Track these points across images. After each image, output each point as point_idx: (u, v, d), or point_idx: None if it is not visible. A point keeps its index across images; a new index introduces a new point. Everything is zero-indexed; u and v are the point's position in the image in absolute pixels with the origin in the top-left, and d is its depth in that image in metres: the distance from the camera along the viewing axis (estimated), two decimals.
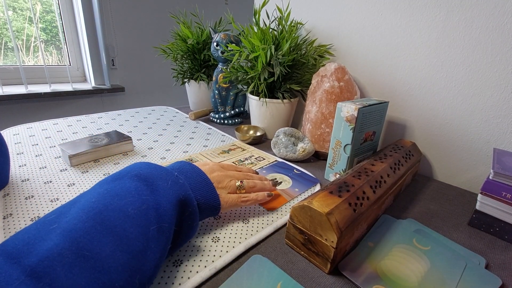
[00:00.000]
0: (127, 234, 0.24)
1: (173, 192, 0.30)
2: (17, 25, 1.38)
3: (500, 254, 0.38)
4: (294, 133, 0.65)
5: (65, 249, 0.21)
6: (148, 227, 0.26)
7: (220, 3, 2.04)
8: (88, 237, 0.22)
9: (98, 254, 0.22)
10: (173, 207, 0.29)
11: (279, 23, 0.69)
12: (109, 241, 0.23)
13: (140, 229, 0.26)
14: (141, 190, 0.28)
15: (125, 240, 0.24)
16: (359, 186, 0.38)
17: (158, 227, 0.27)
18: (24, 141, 0.64)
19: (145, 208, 0.27)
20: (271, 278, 0.31)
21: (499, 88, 0.50)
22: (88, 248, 0.22)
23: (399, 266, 0.34)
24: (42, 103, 1.44)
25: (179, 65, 0.95)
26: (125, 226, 0.25)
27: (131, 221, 0.25)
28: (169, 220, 0.28)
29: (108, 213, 0.25)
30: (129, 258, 0.24)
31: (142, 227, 0.26)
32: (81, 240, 0.22)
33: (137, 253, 0.24)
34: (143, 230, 0.26)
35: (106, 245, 0.23)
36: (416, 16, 0.57)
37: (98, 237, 0.23)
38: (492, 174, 0.40)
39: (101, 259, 0.22)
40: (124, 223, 0.25)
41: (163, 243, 0.27)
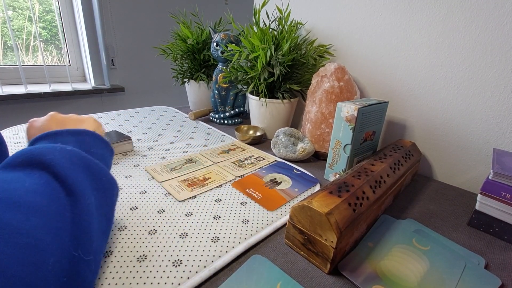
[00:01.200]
0: (33, 204, 0.22)
1: (68, 160, 0.28)
2: (18, 23, 1.38)
3: (499, 254, 0.38)
4: (294, 133, 0.65)
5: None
6: (56, 194, 0.24)
7: (220, 3, 2.04)
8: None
9: (10, 222, 0.20)
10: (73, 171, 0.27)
11: (279, 23, 0.69)
12: (18, 211, 0.21)
13: (47, 197, 0.23)
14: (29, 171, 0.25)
15: (33, 208, 0.22)
16: (359, 186, 0.38)
17: (65, 191, 0.25)
18: (24, 141, 0.64)
19: (44, 181, 0.24)
20: (270, 278, 0.31)
21: (499, 88, 0.50)
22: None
23: (398, 266, 0.34)
24: (42, 103, 1.44)
25: (179, 65, 0.95)
26: (28, 199, 0.22)
27: (34, 193, 0.23)
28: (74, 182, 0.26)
29: (3, 194, 0.22)
30: (46, 221, 0.22)
31: (49, 195, 0.24)
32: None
33: (55, 216, 0.23)
34: (52, 198, 0.24)
35: (16, 215, 0.21)
36: (416, 16, 0.57)
37: (4, 210, 0.20)
38: (492, 174, 0.40)
39: (15, 225, 0.20)
40: (26, 197, 0.22)
41: (80, 204, 0.26)
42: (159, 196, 0.46)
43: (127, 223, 0.39)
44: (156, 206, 0.43)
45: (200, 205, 0.44)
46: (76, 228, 0.24)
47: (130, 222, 0.39)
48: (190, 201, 0.45)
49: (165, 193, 0.47)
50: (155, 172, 0.53)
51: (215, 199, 0.46)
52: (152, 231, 0.37)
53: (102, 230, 0.29)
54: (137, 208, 0.42)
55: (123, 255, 0.33)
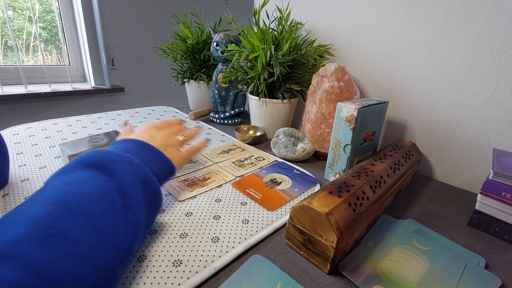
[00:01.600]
0: (92, 212, 0.24)
1: (132, 173, 0.31)
2: (18, 24, 1.38)
3: (499, 254, 0.38)
4: (294, 133, 0.65)
5: (31, 231, 0.21)
6: (113, 205, 0.26)
7: (220, 3, 2.04)
8: (53, 218, 0.22)
9: (66, 231, 0.22)
10: (135, 186, 0.30)
11: (279, 23, 0.69)
12: (75, 220, 0.23)
13: (104, 207, 0.25)
14: (98, 176, 0.28)
15: (91, 218, 0.24)
16: (359, 186, 0.38)
17: (123, 204, 0.27)
18: (24, 141, 0.64)
19: (107, 189, 0.27)
20: (270, 278, 0.31)
21: (499, 88, 0.50)
22: (55, 228, 0.22)
23: (398, 266, 0.34)
24: (42, 103, 1.44)
25: (179, 65, 0.95)
26: (89, 206, 0.24)
27: (94, 201, 0.25)
28: (134, 198, 0.28)
29: (68, 198, 0.24)
30: (99, 232, 0.24)
31: (106, 205, 0.26)
32: (45, 222, 0.22)
33: (107, 228, 0.24)
34: (108, 208, 0.26)
35: (73, 223, 0.23)
36: (416, 16, 0.57)
37: (63, 218, 0.23)
38: (492, 174, 0.40)
39: (70, 235, 0.22)
40: (87, 204, 0.25)
41: (133, 218, 0.28)
42: None
43: None
44: None
45: (200, 205, 0.44)
46: (124, 243, 0.26)
47: None
48: (190, 201, 0.45)
49: (165, 193, 0.47)
50: None
51: (215, 199, 0.46)
52: (152, 231, 0.37)
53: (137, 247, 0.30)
54: None
55: None
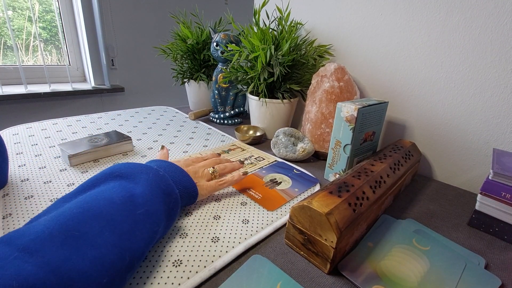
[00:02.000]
0: (113, 217, 0.26)
1: (156, 183, 0.32)
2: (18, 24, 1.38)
3: (499, 254, 0.38)
4: (294, 133, 0.65)
5: (54, 230, 0.22)
6: (134, 211, 0.28)
7: (220, 3, 2.04)
8: (76, 220, 0.24)
9: (87, 234, 0.23)
10: (157, 196, 0.31)
11: (279, 23, 0.69)
12: (96, 224, 0.24)
13: (126, 213, 0.27)
14: (123, 184, 0.30)
15: (112, 222, 0.25)
16: (358, 186, 0.38)
17: (144, 211, 0.29)
18: (24, 141, 0.64)
19: (130, 196, 0.29)
20: (270, 278, 0.31)
21: (499, 88, 0.50)
22: (76, 229, 0.23)
23: (398, 266, 0.34)
24: (42, 103, 1.44)
25: (178, 65, 0.95)
26: (111, 212, 0.26)
27: (117, 207, 0.27)
28: (154, 206, 0.30)
29: (93, 202, 0.26)
30: (118, 237, 0.25)
31: (128, 211, 0.27)
32: (69, 223, 0.23)
33: (125, 233, 0.26)
34: (129, 214, 0.27)
35: (94, 227, 0.24)
36: (416, 16, 0.57)
37: (86, 220, 0.24)
38: (492, 174, 0.40)
39: (90, 237, 0.23)
40: (110, 209, 0.26)
41: (151, 226, 0.29)
42: None
43: None
44: None
45: (200, 205, 0.44)
46: (138, 250, 0.27)
47: None
48: None
49: None
50: None
51: (215, 199, 0.46)
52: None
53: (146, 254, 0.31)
54: None
55: None
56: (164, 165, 0.39)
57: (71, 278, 0.20)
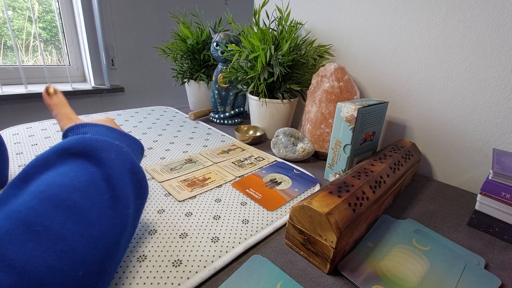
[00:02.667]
0: (78, 205, 0.23)
1: (121, 163, 0.28)
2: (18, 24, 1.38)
3: (499, 254, 0.38)
4: (293, 133, 0.65)
5: (12, 229, 0.20)
6: (101, 197, 0.25)
7: (220, 3, 2.04)
8: (34, 214, 0.21)
9: (49, 226, 0.21)
10: (124, 177, 0.28)
11: (279, 23, 0.69)
12: (59, 214, 0.22)
13: (91, 199, 0.24)
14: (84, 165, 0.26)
15: (77, 211, 0.23)
16: (358, 186, 0.38)
17: (111, 195, 0.26)
18: (24, 141, 0.64)
19: (93, 180, 0.25)
20: (270, 278, 0.31)
21: (499, 88, 0.50)
22: (37, 223, 0.21)
23: (398, 266, 0.34)
24: (42, 103, 1.44)
25: (178, 65, 0.95)
26: (74, 199, 0.23)
27: (80, 193, 0.24)
28: (122, 188, 0.27)
29: (52, 190, 0.23)
30: (85, 226, 0.23)
31: (93, 197, 0.24)
32: (27, 218, 0.21)
33: (94, 221, 0.23)
34: (95, 200, 0.24)
35: (56, 218, 0.21)
36: (416, 16, 0.57)
37: (46, 212, 0.21)
38: (492, 174, 0.40)
39: (54, 230, 0.21)
40: (72, 196, 0.23)
41: (121, 209, 0.26)
42: (159, 196, 0.46)
43: None
44: (156, 206, 0.43)
45: (200, 205, 0.44)
46: (111, 236, 0.25)
47: None
48: (190, 201, 0.45)
49: (165, 193, 0.47)
50: (155, 172, 0.53)
51: (215, 199, 0.46)
52: (152, 231, 0.37)
53: (126, 241, 0.28)
54: None
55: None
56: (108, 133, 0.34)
57: (41, 277, 0.19)
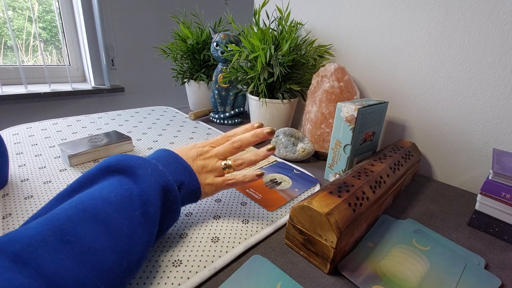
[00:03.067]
0: (111, 219, 0.24)
1: (155, 179, 0.30)
2: (18, 24, 1.38)
3: (499, 255, 0.38)
4: (294, 133, 0.65)
5: (48, 236, 0.21)
6: (133, 212, 0.26)
7: (220, 3, 2.04)
8: (71, 223, 0.22)
9: (83, 239, 0.22)
10: (156, 193, 0.29)
11: (279, 24, 0.69)
12: (93, 227, 0.23)
13: (124, 214, 0.26)
14: (122, 180, 0.28)
15: (110, 225, 0.24)
16: (358, 186, 0.38)
17: (142, 212, 0.27)
18: (24, 141, 0.64)
19: (128, 195, 0.27)
20: (270, 278, 0.31)
21: (499, 88, 0.50)
22: (71, 234, 0.22)
23: (398, 266, 0.34)
24: (42, 103, 1.44)
25: (178, 65, 0.95)
26: (109, 212, 0.25)
27: (115, 207, 0.25)
28: (153, 205, 0.28)
29: (90, 202, 0.25)
30: (115, 241, 0.24)
31: (126, 212, 0.26)
32: (63, 227, 0.22)
33: (124, 237, 0.24)
34: (128, 215, 0.26)
35: (90, 231, 0.23)
36: (416, 16, 0.57)
37: (81, 223, 0.23)
38: (492, 174, 0.40)
39: (86, 243, 0.22)
40: (107, 210, 0.25)
41: (150, 228, 0.27)
42: None
43: None
44: None
45: (200, 205, 0.44)
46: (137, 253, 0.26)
47: None
48: None
49: None
50: None
51: (215, 199, 0.46)
52: None
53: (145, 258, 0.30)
54: None
55: None
56: (164, 157, 0.35)
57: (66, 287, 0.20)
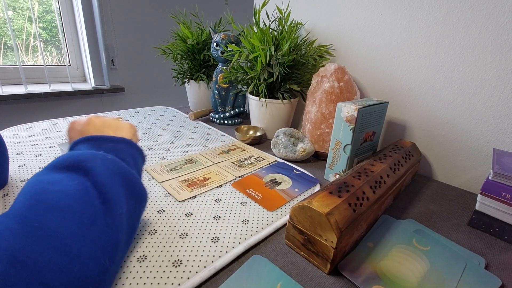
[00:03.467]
0: (72, 209, 0.24)
1: (106, 169, 0.29)
2: (18, 24, 1.38)
3: (499, 255, 0.38)
4: (294, 133, 0.65)
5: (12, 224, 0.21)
6: (92, 202, 0.26)
7: (220, 3, 2.04)
8: (34, 212, 0.22)
9: (47, 224, 0.22)
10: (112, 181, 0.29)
11: (279, 24, 0.69)
12: (54, 215, 0.23)
13: (84, 204, 0.25)
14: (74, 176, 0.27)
15: (71, 213, 0.24)
16: (359, 186, 0.38)
17: (102, 200, 0.27)
18: (24, 141, 0.64)
19: (84, 188, 0.26)
20: (270, 278, 0.31)
21: (499, 88, 0.50)
22: (36, 221, 0.22)
23: (398, 267, 0.34)
24: (42, 103, 1.44)
25: (179, 65, 0.95)
26: (68, 203, 0.24)
27: (73, 198, 0.25)
28: (112, 192, 0.28)
29: (47, 195, 0.24)
30: (80, 227, 0.23)
31: (85, 202, 0.25)
32: (26, 215, 0.22)
33: (88, 223, 0.24)
34: (88, 205, 0.25)
35: (53, 219, 0.23)
36: (416, 17, 0.57)
37: (43, 213, 0.23)
38: (492, 174, 0.40)
39: (52, 228, 0.22)
40: (66, 201, 0.24)
41: (114, 213, 0.27)
42: (159, 196, 0.46)
43: None
44: (156, 206, 0.43)
45: (200, 205, 0.44)
46: (106, 237, 0.25)
47: None
48: (190, 201, 0.45)
49: (165, 193, 0.47)
50: (155, 172, 0.53)
51: (215, 199, 0.46)
52: (152, 231, 0.37)
53: (126, 240, 0.30)
54: None
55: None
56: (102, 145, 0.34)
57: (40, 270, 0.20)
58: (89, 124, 0.39)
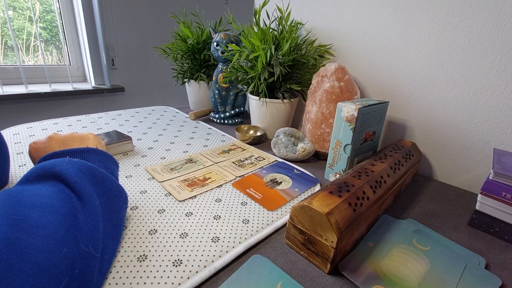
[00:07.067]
0: (51, 205, 0.25)
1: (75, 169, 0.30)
2: (18, 24, 1.38)
3: (500, 254, 0.38)
4: (294, 133, 0.65)
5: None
6: (69, 198, 0.27)
7: (220, 3, 2.04)
8: (13, 208, 0.23)
9: (29, 217, 0.23)
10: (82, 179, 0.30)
11: (279, 23, 0.69)
12: (35, 211, 0.24)
13: (62, 200, 0.26)
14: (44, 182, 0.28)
15: (50, 208, 0.25)
16: (359, 186, 0.38)
17: (78, 197, 0.28)
18: (24, 140, 0.64)
19: (59, 189, 0.28)
20: (271, 278, 0.31)
21: (499, 88, 0.50)
22: (18, 214, 0.23)
23: (399, 266, 0.34)
24: (42, 103, 1.44)
25: (179, 65, 0.95)
26: (47, 201, 0.25)
27: (50, 197, 0.26)
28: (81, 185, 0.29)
29: (23, 198, 0.25)
30: (61, 218, 0.25)
31: (63, 199, 0.27)
32: (8, 210, 0.23)
33: (68, 215, 0.25)
34: (65, 201, 0.27)
35: (33, 214, 0.24)
36: (416, 16, 0.57)
37: (22, 209, 0.24)
38: (492, 174, 0.40)
39: (34, 220, 0.23)
40: (44, 199, 0.25)
41: (90, 203, 0.28)
42: (159, 196, 0.46)
43: (127, 223, 0.39)
44: (156, 206, 0.43)
45: (200, 205, 0.44)
46: (86, 227, 0.27)
47: (131, 222, 0.39)
48: (190, 201, 0.45)
49: (165, 193, 0.47)
50: (155, 172, 0.53)
51: (215, 199, 0.46)
52: (152, 231, 0.37)
53: (108, 234, 0.30)
54: (137, 208, 0.42)
55: (123, 255, 0.33)
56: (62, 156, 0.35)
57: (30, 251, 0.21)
58: (51, 140, 0.39)
